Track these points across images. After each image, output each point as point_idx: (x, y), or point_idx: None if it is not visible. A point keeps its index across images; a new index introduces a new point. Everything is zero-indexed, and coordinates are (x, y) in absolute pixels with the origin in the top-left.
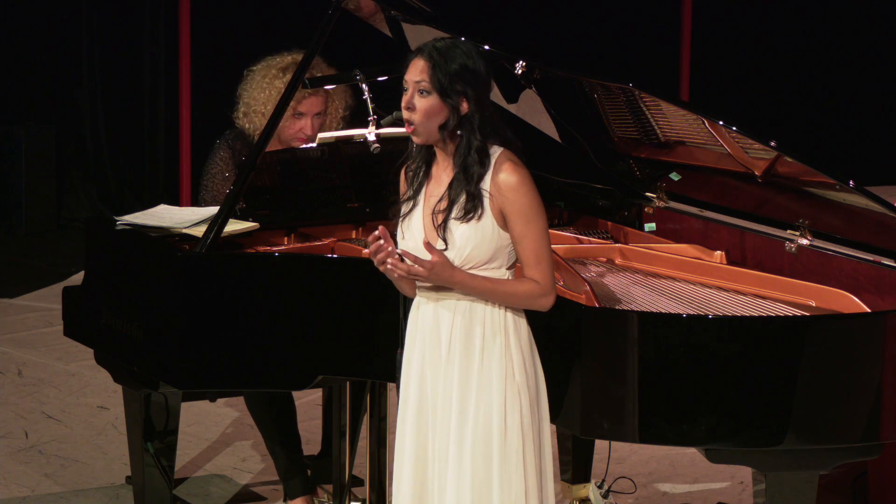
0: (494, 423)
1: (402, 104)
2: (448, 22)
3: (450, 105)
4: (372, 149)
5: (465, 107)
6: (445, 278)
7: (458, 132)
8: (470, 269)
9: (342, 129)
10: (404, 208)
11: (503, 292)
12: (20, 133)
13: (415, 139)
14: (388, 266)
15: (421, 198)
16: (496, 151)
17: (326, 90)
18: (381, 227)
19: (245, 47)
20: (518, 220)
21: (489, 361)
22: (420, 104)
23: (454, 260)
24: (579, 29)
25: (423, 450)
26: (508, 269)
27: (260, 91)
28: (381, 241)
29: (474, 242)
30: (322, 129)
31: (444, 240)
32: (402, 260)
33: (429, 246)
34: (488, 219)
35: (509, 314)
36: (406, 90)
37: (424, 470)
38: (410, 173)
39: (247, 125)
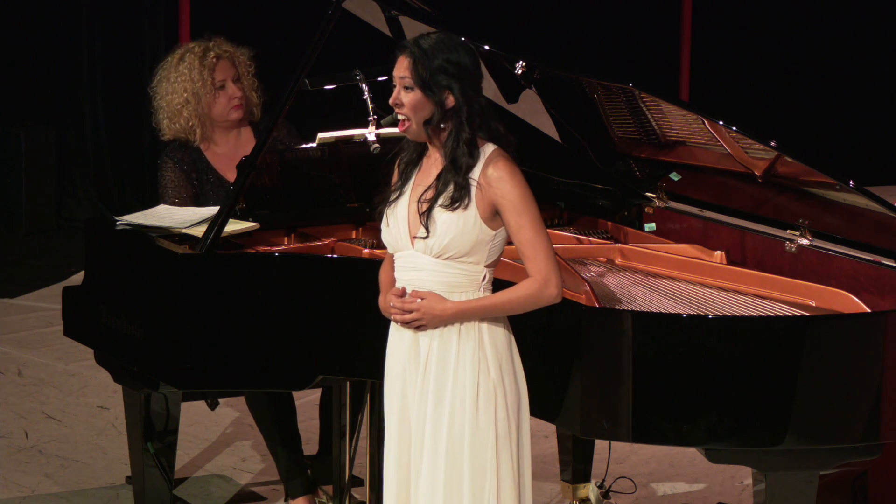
0: (467, 419)
1: (390, 101)
2: (448, 22)
3: (433, 100)
4: (372, 149)
5: (450, 100)
6: (438, 311)
7: (442, 125)
8: (447, 259)
9: (257, 87)
10: (391, 196)
11: (502, 304)
12: (20, 133)
13: (409, 136)
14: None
15: (408, 188)
16: (488, 147)
17: (228, 51)
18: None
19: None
20: (510, 211)
21: (464, 360)
22: (406, 99)
23: (433, 248)
24: (579, 29)
25: (405, 456)
26: (487, 266)
27: (171, 90)
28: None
29: (455, 232)
30: (244, 90)
31: (426, 227)
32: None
33: (415, 293)
34: (473, 210)
35: None
36: (394, 86)
37: (408, 475)
38: (403, 165)
39: (176, 128)
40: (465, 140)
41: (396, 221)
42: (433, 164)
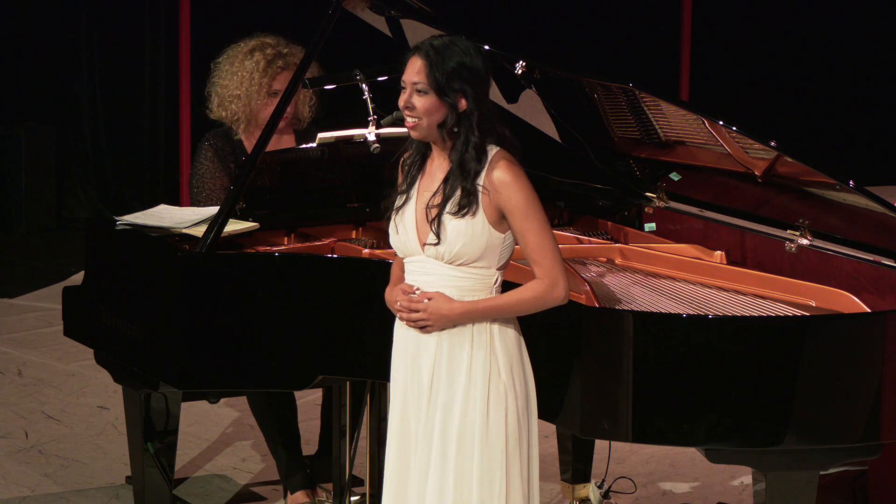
0: (478, 420)
1: (401, 104)
2: (448, 22)
3: (448, 104)
4: (372, 149)
5: (463, 104)
6: (445, 312)
7: (456, 129)
8: (459, 265)
9: (314, 103)
10: (398, 201)
11: (510, 305)
12: (20, 133)
13: (414, 135)
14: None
15: (414, 192)
16: (492, 150)
17: (297, 63)
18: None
19: None
20: (516, 215)
21: (475, 362)
22: (419, 104)
23: (444, 255)
24: (579, 29)
25: (405, 457)
26: (498, 268)
27: (230, 77)
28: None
29: (465, 239)
30: (298, 105)
31: (437, 234)
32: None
33: (423, 293)
34: (480, 216)
35: None
36: (404, 89)
37: (407, 475)
38: (406, 167)
39: (223, 114)
40: (475, 145)
41: (405, 228)
42: (437, 167)
